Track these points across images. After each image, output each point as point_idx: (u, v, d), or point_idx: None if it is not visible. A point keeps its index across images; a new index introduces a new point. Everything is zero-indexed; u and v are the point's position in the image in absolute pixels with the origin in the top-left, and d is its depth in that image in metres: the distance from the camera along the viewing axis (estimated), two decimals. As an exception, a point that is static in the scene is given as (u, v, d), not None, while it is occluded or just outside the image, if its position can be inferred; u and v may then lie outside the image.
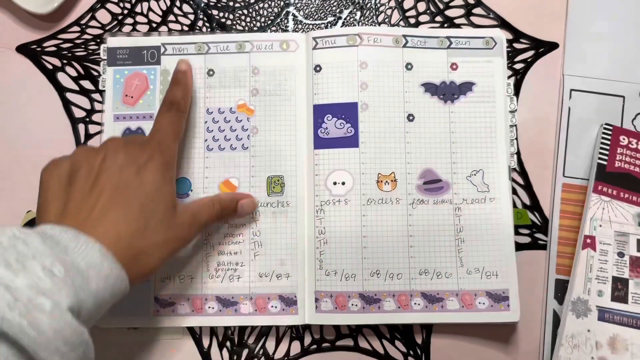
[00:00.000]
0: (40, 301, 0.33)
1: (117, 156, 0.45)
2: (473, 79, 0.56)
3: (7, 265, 0.34)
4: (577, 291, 0.52)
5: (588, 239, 0.53)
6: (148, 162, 0.45)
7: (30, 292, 0.33)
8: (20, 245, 0.35)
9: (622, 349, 0.50)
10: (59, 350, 0.33)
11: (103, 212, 0.42)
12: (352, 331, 0.55)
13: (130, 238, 0.42)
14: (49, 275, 0.34)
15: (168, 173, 0.46)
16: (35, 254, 0.35)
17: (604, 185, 0.54)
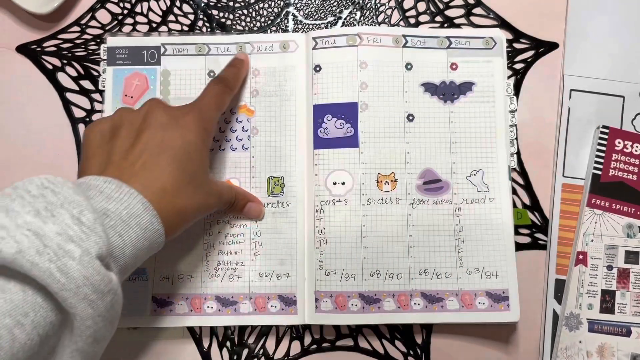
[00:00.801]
0: (70, 248, 0.33)
1: (159, 116, 0.46)
2: (473, 79, 0.56)
3: (36, 213, 0.34)
4: (570, 306, 0.53)
5: (580, 255, 0.54)
6: (189, 124, 0.46)
7: (60, 239, 0.33)
8: (49, 194, 0.35)
9: (609, 355, 0.53)
10: (88, 297, 0.34)
11: (144, 167, 0.43)
12: (352, 331, 0.55)
13: (169, 193, 0.42)
14: (77, 223, 0.35)
15: (207, 138, 0.47)
16: (64, 202, 0.35)
17: (597, 197, 0.54)
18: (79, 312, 0.34)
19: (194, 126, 0.46)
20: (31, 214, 0.34)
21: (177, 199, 0.43)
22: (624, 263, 0.54)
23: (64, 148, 0.58)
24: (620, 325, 0.53)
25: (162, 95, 0.57)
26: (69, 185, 0.37)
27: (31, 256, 0.32)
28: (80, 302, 0.33)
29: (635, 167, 0.55)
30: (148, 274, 0.54)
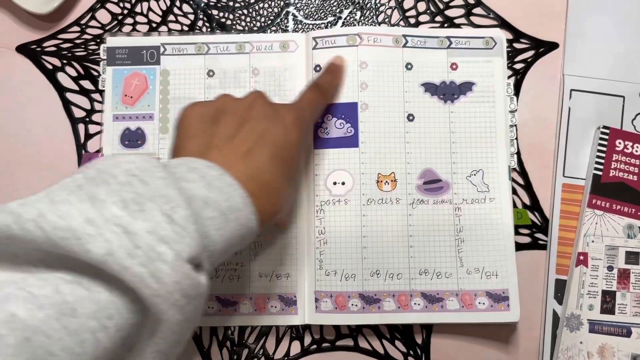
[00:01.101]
0: (161, 250, 0.31)
1: (264, 108, 0.44)
2: (473, 79, 0.56)
3: (124, 206, 0.31)
4: (571, 307, 0.53)
5: (581, 255, 0.54)
6: (291, 122, 0.44)
7: (151, 238, 0.31)
8: (137, 184, 0.33)
9: (610, 356, 0.53)
10: (177, 302, 0.31)
11: (248, 155, 0.41)
12: (352, 331, 0.55)
13: (269, 188, 0.41)
14: (169, 222, 0.32)
15: (305, 140, 0.48)
16: (154, 195, 0.33)
17: (598, 198, 0.54)
18: (168, 317, 0.31)
19: (294, 125, 0.45)
20: (118, 205, 0.31)
21: (275, 196, 0.41)
22: (624, 264, 0.54)
23: (64, 148, 0.58)
24: (621, 326, 0.53)
25: (161, 95, 0.57)
26: (159, 176, 0.34)
27: (122, 259, 0.30)
28: (170, 308, 0.31)
29: (635, 167, 0.55)
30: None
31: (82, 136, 0.58)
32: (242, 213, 0.37)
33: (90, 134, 0.58)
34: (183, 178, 0.36)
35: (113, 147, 0.56)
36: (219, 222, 0.36)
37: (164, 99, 0.57)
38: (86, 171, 0.33)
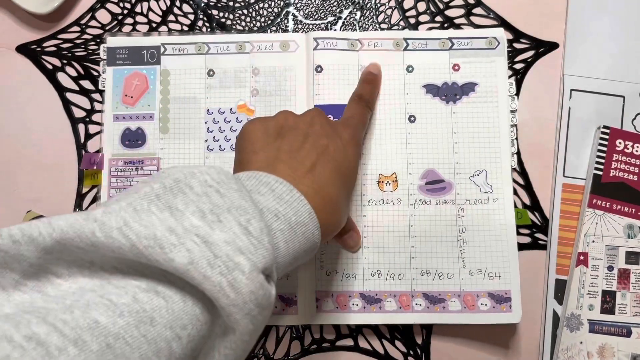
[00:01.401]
0: (239, 260, 0.31)
1: (323, 125, 0.45)
2: (476, 80, 0.56)
3: (202, 216, 0.32)
4: (571, 307, 0.54)
5: (581, 255, 0.54)
6: (350, 140, 0.46)
7: (228, 249, 0.31)
8: (214, 195, 0.34)
9: (609, 356, 0.53)
10: (251, 312, 0.32)
11: (313, 169, 0.42)
12: (352, 331, 0.55)
13: (336, 203, 0.42)
14: (245, 233, 0.33)
15: (360, 157, 0.49)
16: (231, 207, 0.34)
17: (598, 198, 0.54)
18: (241, 327, 0.32)
19: (351, 142, 0.46)
20: (196, 215, 0.32)
21: (337, 210, 0.42)
22: (624, 264, 0.54)
23: (64, 148, 0.58)
24: (621, 326, 0.53)
25: (161, 95, 0.57)
26: (234, 188, 0.35)
27: (203, 268, 0.30)
28: (244, 318, 0.32)
29: (636, 167, 0.55)
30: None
31: (82, 136, 0.58)
32: (309, 227, 0.38)
33: (90, 134, 0.58)
34: (254, 190, 0.38)
35: (113, 147, 0.56)
36: (287, 235, 0.37)
37: (164, 99, 0.57)
38: (163, 181, 0.34)
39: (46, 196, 0.57)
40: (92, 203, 0.57)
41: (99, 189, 0.56)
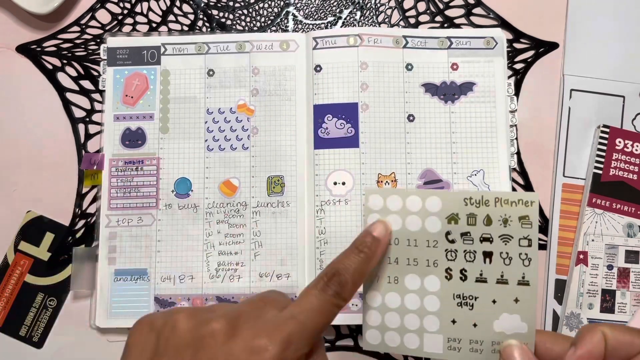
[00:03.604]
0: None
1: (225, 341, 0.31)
2: (474, 79, 0.56)
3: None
4: (570, 306, 0.54)
5: (581, 254, 0.54)
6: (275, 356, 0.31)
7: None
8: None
9: None
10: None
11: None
12: (352, 331, 0.55)
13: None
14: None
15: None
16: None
17: (598, 197, 0.54)
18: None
19: None
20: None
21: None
22: (624, 262, 0.54)
23: (64, 148, 0.58)
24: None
25: (162, 95, 0.57)
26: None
27: None
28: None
29: (635, 166, 0.55)
30: (149, 275, 0.54)
31: (82, 136, 0.58)
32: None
33: (90, 134, 0.58)
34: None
35: (113, 147, 0.56)
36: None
37: (164, 99, 0.57)
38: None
39: (46, 196, 0.57)
40: (92, 203, 0.57)
41: (99, 189, 0.56)
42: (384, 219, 0.45)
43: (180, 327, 0.33)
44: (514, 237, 0.49)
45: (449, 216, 0.50)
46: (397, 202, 0.50)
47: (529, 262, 0.48)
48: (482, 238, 0.50)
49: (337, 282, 0.35)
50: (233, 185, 0.56)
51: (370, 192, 0.51)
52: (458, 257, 0.49)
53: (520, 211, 0.48)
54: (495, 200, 0.49)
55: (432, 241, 0.51)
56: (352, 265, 0.37)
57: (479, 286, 0.50)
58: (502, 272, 0.49)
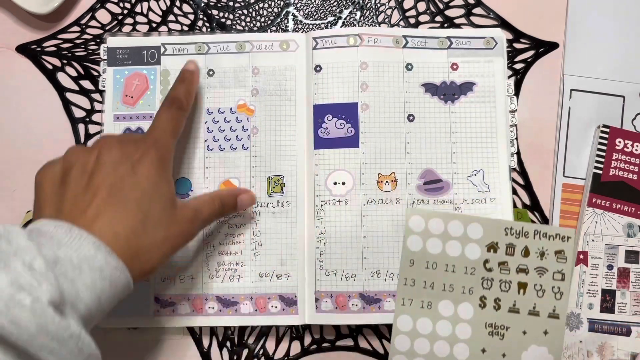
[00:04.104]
0: (20, 297, 0.32)
1: (111, 153, 0.43)
2: (474, 79, 0.57)
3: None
4: (570, 306, 0.53)
5: (581, 254, 0.54)
6: (143, 158, 0.43)
7: (11, 289, 0.32)
8: (3, 244, 0.35)
9: (609, 355, 0.53)
10: (46, 346, 0.33)
11: (98, 211, 0.40)
12: (352, 331, 0.55)
13: (128, 235, 0.40)
14: (28, 271, 0.33)
15: (164, 169, 0.44)
16: (17, 250, 0.34)
17: (598, 197, 0.54)
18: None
19: (147, 159, 0.43)
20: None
21: (138, 239, 0.41)
22: (624, 262, 0.54)
23: (64, 148, 0.56)
24: (621, 325, 0.53)
25: (162, 95, 0.57)
26: (22, 234, 0.36)
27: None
28: (41, 351, 0.33)
29: (635, 166, 0.55)
30: (149, 274, 0.55)
31: (82, 136, 0.58)
32: (97, 259, 0.37)
33: (90, 134, 0.58)
34: (37, 243, 0.37)
35: (113, 147, 0.56)
36: (72, 274, 0.36)
37: (164, 99, 0.57)
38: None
39: None
40: (92, 203, 0.57)
41: (99, 189, 0.56)
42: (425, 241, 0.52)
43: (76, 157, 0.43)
44: (549, 270, 0.51)
45: (489, 244, 0.51)
46: (439, 225, 0.51)
47: (560, 296, 0.50)
48: (518, 269, 0.51)
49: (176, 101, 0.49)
50: (233, 185, 0.56)
51: (413, 213, 0.52)
52: (494, 286, 0.51)
53: (557, 245, 0.50)
54: (534, 232, 0.50)
55: (470, 268, 0.52)
56: (182, 89, 0.51)
57: (511, 316, 0.51)
58: (535, 304, 0.50)
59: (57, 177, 0.43)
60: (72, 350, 0.34)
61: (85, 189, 0.41)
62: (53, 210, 0.41)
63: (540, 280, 0.51)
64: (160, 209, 0.43)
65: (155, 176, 0.43)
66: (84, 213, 0.40)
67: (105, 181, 0.42)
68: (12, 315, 0.32)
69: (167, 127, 0.47)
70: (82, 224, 0.39)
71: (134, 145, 0.44)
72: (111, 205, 0.41)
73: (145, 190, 0.42)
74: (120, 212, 0.41)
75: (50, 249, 0.36)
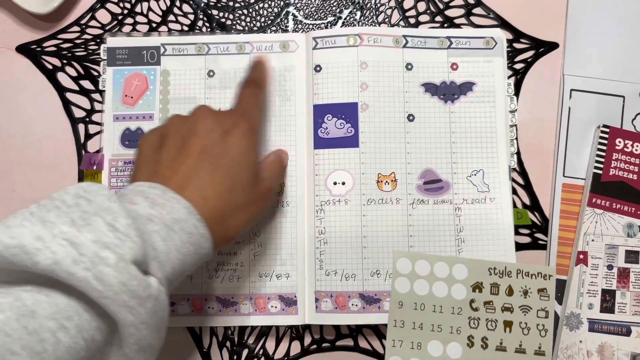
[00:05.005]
0: (105, 254, 0.33)
1: (205, 121, 0.45)
2: (473, 79, 0.57)
3: (72, 223, 0.34)
4: (570, 306, 0.54)
5: (581, 254, 0.54)
6: (234, 129, 0.45)
7: (95, 246, 0.33)
8: (84, 203, 0.36)
9: (609, 355, 0.53)
10: (126, 303, 0.34)
11: (190, 174, 0.43)
12: (352, 331, 0.55)
13: (216, 200, 0.42)
14: (111, 230, 0.35)
15: (252, 139, 0.46)
16: (98, 210, 0.35)
17: (598, 197, 0.55)
18: (120, 318, 0.34)
19: (238, 129, 0.45)
20: (67, 224, 0.34)
21: (224, 204, 0.43)
22: (624, 262, 0.54)
23: (64, 148, 0.58)
24: (621, 325, 0.53)
25: (161, 95, 0.57)
26: (102, 193, 0.37)
27: (67, 266, 0.32)
28: (121, 309, 0.34)
29: (635, 166, 0.55)
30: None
31: (82, 136, 0.58)
32: (188, 222, 0.39)
33: (90, 134, 0.58)
34: (129, 201, 0.39)
35: (113, 147, 0.57)
36: (163, 233, 0.38)
37: (164, 99, 0.57)
38: (41, 201, 0.36)
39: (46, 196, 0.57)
40: (92, 203, 0.57)
41: (99, 189, 0.56)
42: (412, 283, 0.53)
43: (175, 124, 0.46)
44: (533, 308, 0.52)
45: (474, 284, 0.52)
46: (425, 266, 0.52)
47: (545, 333, 0.50)
48: (503, 307, 0.52)
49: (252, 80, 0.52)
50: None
51: (399, 255, 0.53)
52: (480, 325, 0.52)
53: (539, 284, 0.51)
54: (517, 271, 0.51)
55: (456, 308, 0.53)
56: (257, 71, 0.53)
57: (499, 355, 0.52)
58: (521, 342, 0.51)
59: (155, 142, 0.45)
60: (148, 310, 0.35)
61: (179, 153, 0.44)
62: (149, 172, 0.44)
63: (524, 319, 0.52)
64: (246, 177, 0.45)
65: (245, 146, 0.45)
66: (176, 174, 0.43)
67: (197, 146, 0.44)
68: (97, 271, 0.33)
69: (250, 100, 0.50)
70: (173, 186, 0.41)
71: (226, 116, 0.46)
72: (202, 169, 0.43)
73: (234, 158, 0.44)
74: (210, 177, 0.43)
75: (145, 208, 0.38)
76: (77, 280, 0.32)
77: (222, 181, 0.43)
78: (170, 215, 0.39)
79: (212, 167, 0.43)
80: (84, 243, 0.33)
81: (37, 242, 0.33)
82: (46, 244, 0.33)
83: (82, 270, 0.33)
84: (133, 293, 0.34)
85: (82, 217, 0.35)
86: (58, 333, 0.32)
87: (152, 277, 0.36)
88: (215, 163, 0.43)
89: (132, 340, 0.35)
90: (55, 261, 0.32)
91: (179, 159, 0.43)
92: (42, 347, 0.32)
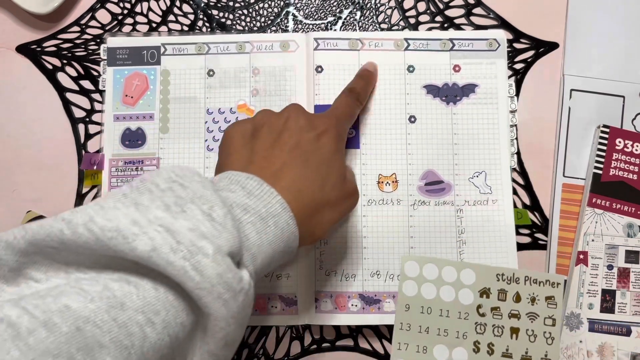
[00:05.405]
0: (202, 244, 0.33)
1: (298, 119, 0.45)
2: (476, 81, 0.56)
3: (166, 208, 0.34)
4: (570, 306, 0.54)
5: (581, 254, 0.54)
6: (326, 132, 0.45)
7: (192, 235, 0.33)
8: (178, 188, 0.35)
9: (609, 355, 0.53)
10: (221, 295, 0.33)
11: (283, 168, 0.42)
12: (352, 331, 0.55)
13: (307, 196, 0.42)
14: (208, 219, 0.34)
15: (341, 145, 0.47)
16: (194, 197, 0.35)
17: (598, 197, 0.55)
18: (213, 311, 0.33)
19: (330, 133, 0.45)
20: (161, 208, 0.34)
21: (314, 201, 0.42)
22: (624, 262, 0.54)
23: (64, 148, 0.58)
24: (621, 325, 0.53)
25: (162, 95, 0.57)
26: (196, 179, 0.36)
27: (166, 254, 0.32)
28: (215, 302, 0.33)
29: (635, 166, 0.55)
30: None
31: (82, 136, 0.58)
32: (282, 218, 0.39)
33: (90, 134, 0.58)
34: (225, 189, 0.39)
35: (113, 147, 0.56)
36: (259, 226, 0.37)
37: (164, 99, 0.57)
38: (131, 183, 0.36)
39: (46, 196, 0.57)
40: (92, 203, 0.57)
41: (99, 189, 0.56)
42: (420, 286, 0.53)
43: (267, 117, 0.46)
44: (540, 316, 0.52)
45: (481, 290, 0.52)
46: (433, 270, 0.52)
47: (551, 341, 0.50)
48: (510, 314, 0.52)
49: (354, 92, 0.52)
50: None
51: (407, 259, 0.53)
52: (487, 331, 0.52)
53: (547, 291, 0.51)
54: (525, 278, 0.51)
55: (463, 313, 0.53)
56: (361, 83, 0.53)
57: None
58: (527, 349, 0.51)
59: (247, 132, 0.45)
60: (239, 304, 0.34)
61: (273, 145, 0.44)
62: (243, 162, 0.43)
63: (531, 326, 0.52)
64: (335, 177, 0.44)
65: (335, 149, 0.45)
66: (271, 165, 0.43)
67: (290, 142, 0.44)
68: (195, 262, 0.32)
69: (346, 111, 0.50)
70: (268, 177, 0.41)
71: (319, 119, 0.47)
72: (294, 164, 0.43)
73: (324, 157, 0.44)
74: (302, 172, 0.43)
75: (241, 197, 0.38)
76: (174, 269, 0.31)
77: (314, 177, 0.43)
78: (265, 208, 0.38)
79: (304, 164, 0.43)
80: (180, 231, 0.33)
81: (134, 227, 0.32)
82: (143, 229, 0.32)
83: (180, 260, 0.32)
84: (228, 286, 0.33)
85: (177, 202, 0.34)
86: (145, 328, 0.31)
87: (244, 270, 0.36)
88: (307, 160, 0.43)
89: (221, 335, 0.34)
90: (154, 248, 0.32)
91: (273, 150, 0.44)
92: (130, 341, 0.31)
